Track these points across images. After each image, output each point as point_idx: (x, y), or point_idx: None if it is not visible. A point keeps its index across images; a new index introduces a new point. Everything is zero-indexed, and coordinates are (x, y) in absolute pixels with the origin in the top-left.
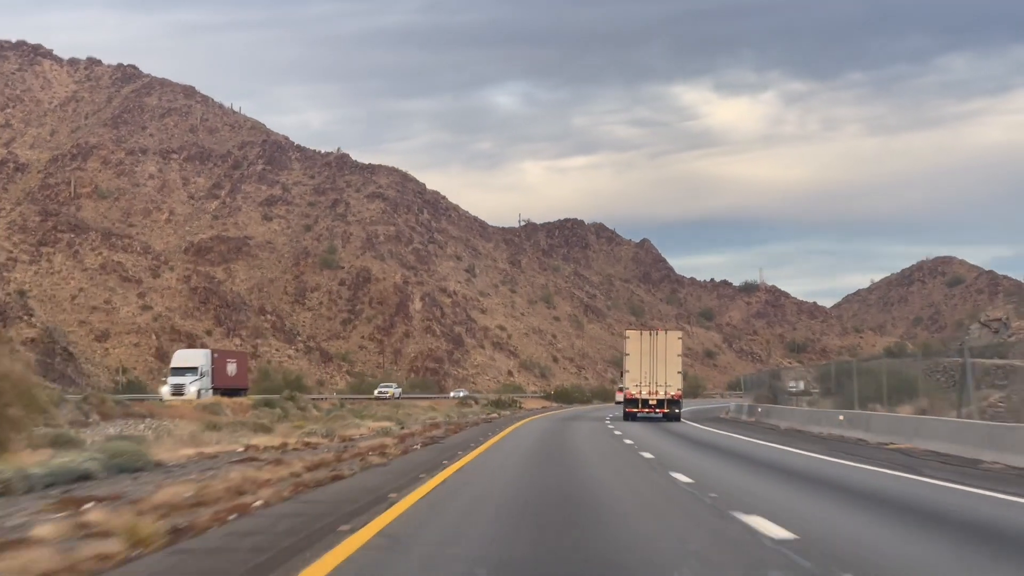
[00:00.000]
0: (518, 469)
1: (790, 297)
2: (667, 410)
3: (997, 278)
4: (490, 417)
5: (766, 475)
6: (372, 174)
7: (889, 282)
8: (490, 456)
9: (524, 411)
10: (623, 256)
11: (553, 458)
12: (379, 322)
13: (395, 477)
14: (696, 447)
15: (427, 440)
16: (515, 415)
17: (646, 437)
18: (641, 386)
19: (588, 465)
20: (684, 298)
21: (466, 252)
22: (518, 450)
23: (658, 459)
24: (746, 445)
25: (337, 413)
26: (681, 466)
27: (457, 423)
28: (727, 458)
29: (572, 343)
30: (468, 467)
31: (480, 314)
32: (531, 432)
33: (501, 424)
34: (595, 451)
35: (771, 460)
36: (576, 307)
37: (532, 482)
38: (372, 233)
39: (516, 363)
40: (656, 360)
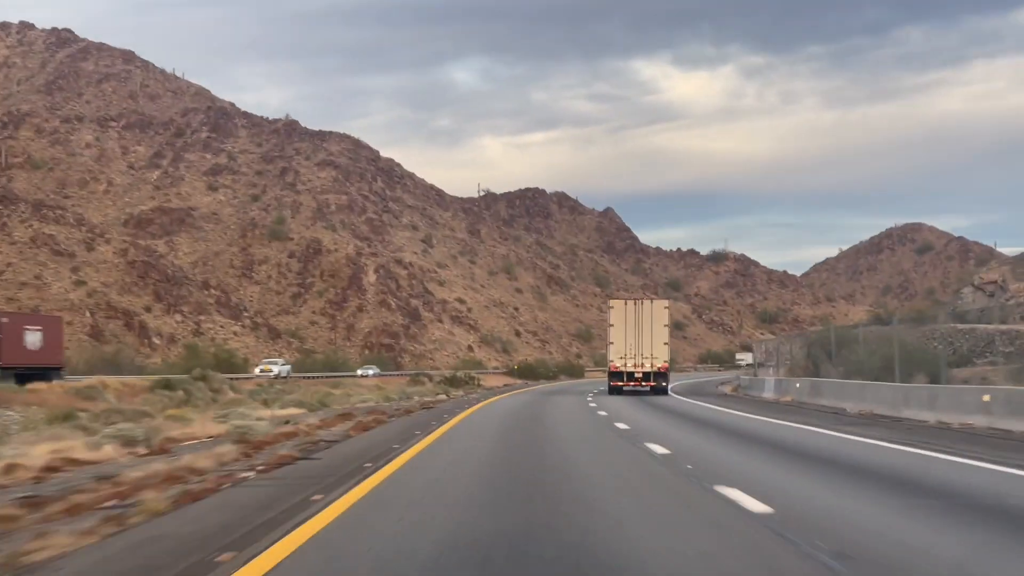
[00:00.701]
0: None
1: (759, 266)
2: (654, 383)
3: (968, 244)
4: (436, 400)
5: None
6: (323, 141)
7: (857, 250)
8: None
9: (482, 391)
10: (586, 226)
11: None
12: (331, 296)
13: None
14: (783, 454)
15: (302, 450)
16: (469, 397)
17: (674, 437)
18: (626, 358)
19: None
20: (650, 268)
21: (423, 222)
22: (456, 489)
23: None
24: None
25: (255, 396)
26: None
27: (382, 412)
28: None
29: (535, 316)
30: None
31: (438, 286)
32: (491, 429)
33: (447, 411)
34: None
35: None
36: (539, 278)
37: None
38: (323, 203)
39: (476, 338)
40: (641, 331)
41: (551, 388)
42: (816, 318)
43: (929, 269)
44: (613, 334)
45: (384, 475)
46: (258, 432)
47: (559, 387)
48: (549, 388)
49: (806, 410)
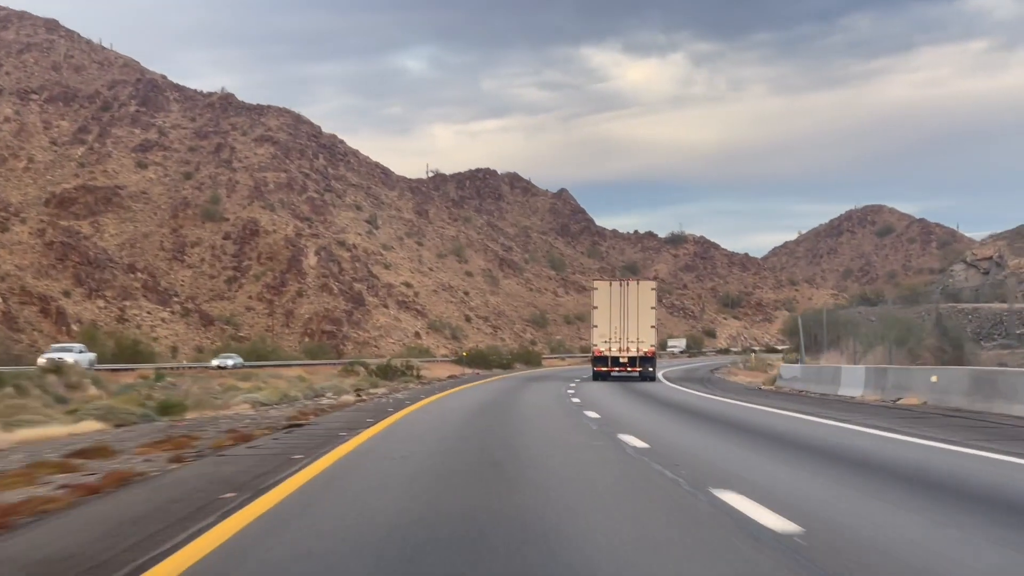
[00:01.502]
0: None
1: (720, 249)
2: (640, 368)
3: (929, 226)
4: (359, 399)
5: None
6: (260, 116)
7: (817, 233)
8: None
9: (417, 388)
10: (539, 208)
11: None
12: (268, 280)
13: None
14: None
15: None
16: (391, 398)
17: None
18: (611, 343)
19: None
20: (606, 251)
21: (367, 201)
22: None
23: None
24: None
25: (127, 394)
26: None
27: (241, 433)
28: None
29: (486, 301)
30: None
31: (383, 269)
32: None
33: (356, 421)
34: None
35: None
36: (490, 261)
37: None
38: (260, 181)
39: (424, 323)
40: (627, 313)
41: (510, 380)
42: (779, 302)
43: (890, 252)
44: (597, 317)
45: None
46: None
47: (520, 379)
48: (507, 381)
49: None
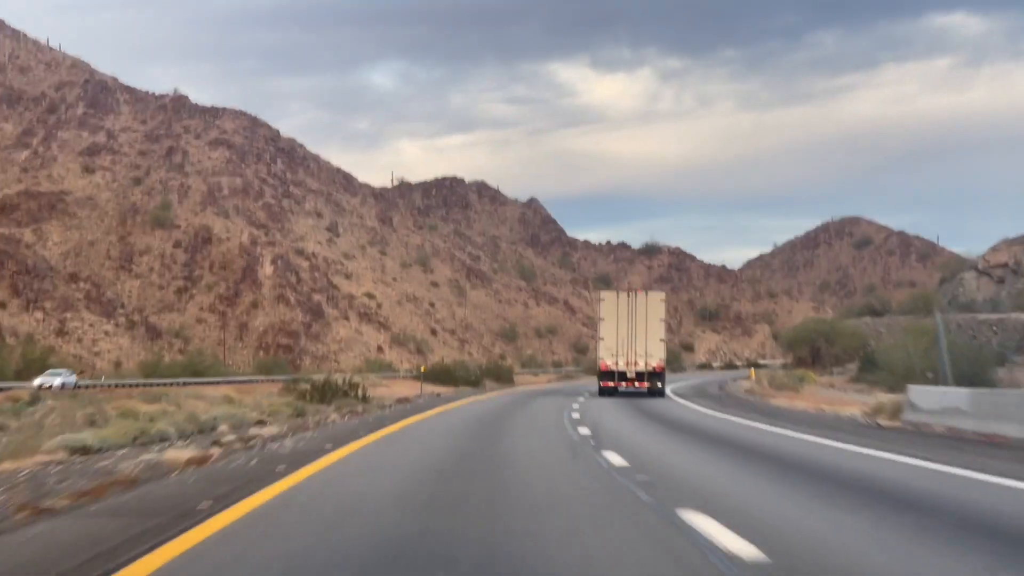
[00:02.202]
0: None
1: (696, 260)
2: (649, 384)
3: (908, 239)
4: (249, 436)
5: None
6: (215, 118)
7: (793, 245)
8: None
9: (345, 422)
10: (508, 217)
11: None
12: (221, 290)
13: None
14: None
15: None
16: (310, 432)
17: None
18: (618, 356)
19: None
20: (578, 262)
21: (328, 208)
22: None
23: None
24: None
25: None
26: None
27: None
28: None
29: (453, 312)
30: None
31: (344, 280)
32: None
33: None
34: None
35: None
36: (457, 271)
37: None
38: (214, 186)
39: (387, 337)
40: (635, 326)
41: (482, 406)
42: (758, 315)
43: (869, 265)
44: (603, 329)
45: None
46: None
47: (496, 403)
48: (478, 405)
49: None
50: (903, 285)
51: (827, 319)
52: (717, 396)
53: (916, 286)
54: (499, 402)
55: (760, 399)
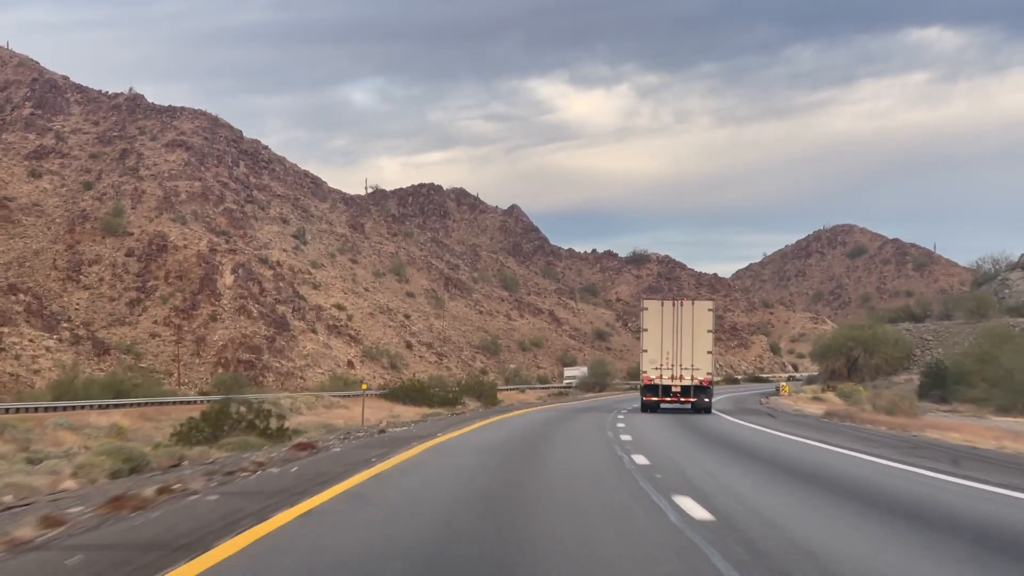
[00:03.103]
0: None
1: (686, 269)
2: (695, 399)
3: (904, 247)
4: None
5: None
6: (173, 118)
7: (783, 255)
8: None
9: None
10: (489, 225)
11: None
12: (177, 302)
13: None
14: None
15: None
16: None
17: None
18: (662, 369)
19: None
20: (562, 272)
21: (295, 214)
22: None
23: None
24: None
25: None
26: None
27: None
28: None
29: (430, 325)
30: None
31: (312, 290)
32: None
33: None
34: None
35: None
36: (435, 280)
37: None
38: (171, 190)
39: (358, 351)
40: (681, 337)
41: (463, 457)
42: (753, 326)
43: (863, 274)
44: (647, 340)
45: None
46: None
47: (491, 453)
48: (452, 457)
49: None
50: (899, 295)
51: (863, 325)
52: (800, 421)
53: (913, 295)
54: (494, 452)
55: (884, 428)
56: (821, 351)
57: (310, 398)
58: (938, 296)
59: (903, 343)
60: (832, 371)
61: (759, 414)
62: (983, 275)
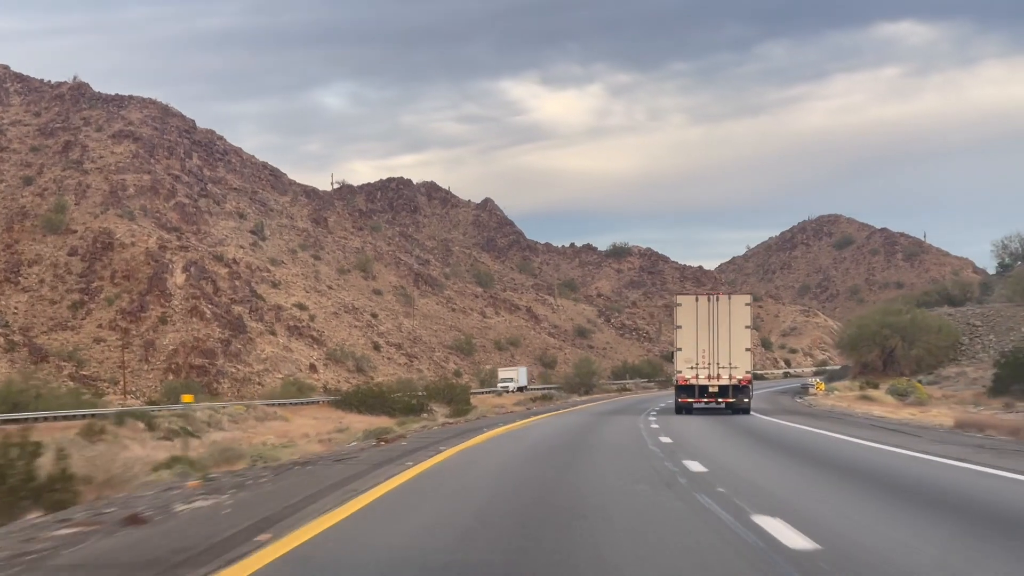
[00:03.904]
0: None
1: (669, 262)
2: (732, 399)
3: (893, 236)
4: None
5: None
6: (120, 108)
7: (768, 247)
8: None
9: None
10: (461, 220)
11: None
12: (124, 304)
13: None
14: None
15: None
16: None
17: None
18: (698, 368)
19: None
20: (540, 267)
21: (252, 208)
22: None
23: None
24: None
25: None
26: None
27: None
28: None
29: (399, 324)
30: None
31: (271, 289)
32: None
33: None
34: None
35: None
36: (404, 277)
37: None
38: (118, 184)
39: (322, 353)
40: (717, 334)
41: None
42: None
43: (851, 265)
44: (681, 338)
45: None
46: None
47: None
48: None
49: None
50: (889, 286)
51: (899, 309)
52: (903, 430)
53: (903, 287)
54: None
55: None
56: (850, 341)
57: (240, 408)
58: (952, 282)
59: (948, 330)
60: (864, 364)
61: (816, 416)
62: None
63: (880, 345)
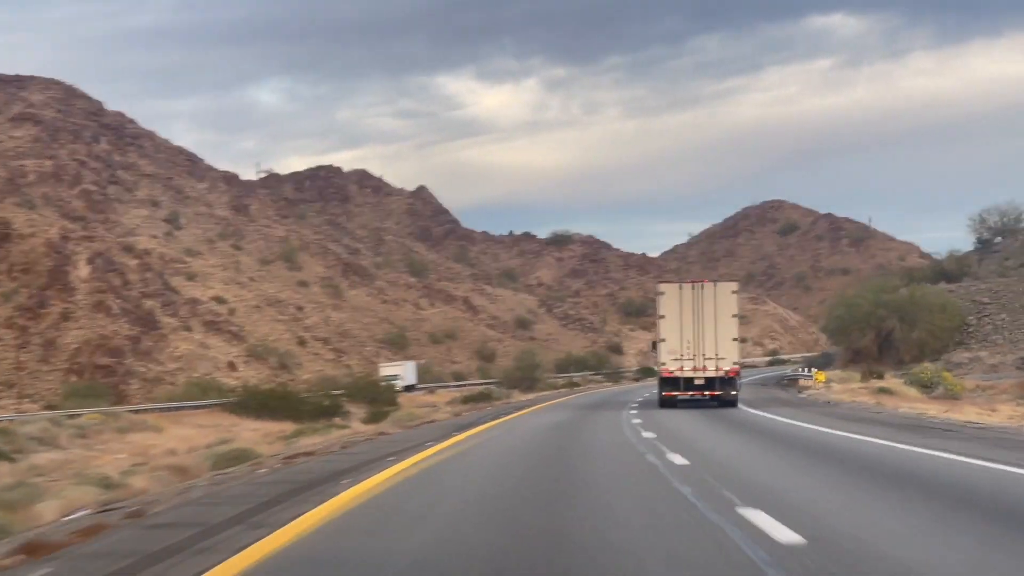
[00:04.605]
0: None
1: (613, 249)
2: (719, 392)
3: (838, 222)
4: None
5: None
6: (20, 88)
7: (710, 234)
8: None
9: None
10: (395, 209)
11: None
12: (22, 299)
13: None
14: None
15: None
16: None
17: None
18: (683, 360)
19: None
20: (476, 257)
21: (167, 195)
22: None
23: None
24: None
25: None
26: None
27: None
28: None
29: (327, 317)
30: None
31: (186, 281)
32: None
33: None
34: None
35: None
36: (332, 267)
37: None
38: (16, 171)
39: (242, 350)
40: (703, 323)
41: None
42: None
43: (796, 252)
44: (664, 328)
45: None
46: None
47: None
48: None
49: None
50: (835, 272)
51: (896, 285)
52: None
53: (850, 273)
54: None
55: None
56: (838, 324)
57: (94, 417)
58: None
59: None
60: (856, 350)
61: (847, 419)
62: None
63: (875, 328)
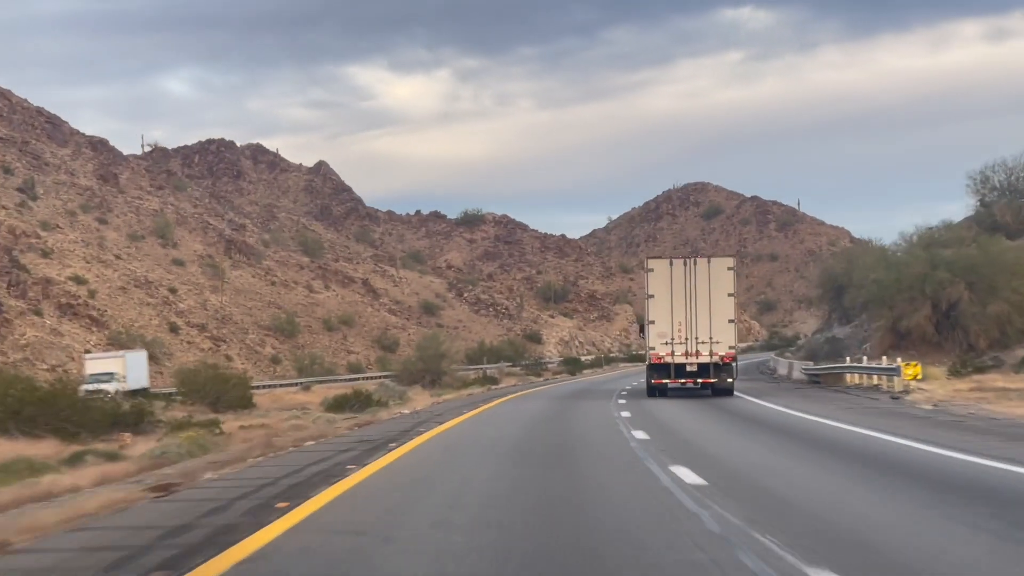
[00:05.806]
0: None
1: (529, 230)
2: (714, 379)
3: (765, 205)
4: None
5: None
6: None
7: (631, 219)
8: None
9: None
10: (292, 186)
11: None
12: None
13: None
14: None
15: None
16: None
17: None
18: (673, 343)
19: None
20: (381, 238)
21: (22, 161)
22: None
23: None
24: None
25: None
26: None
27: None
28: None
29: (204, 300)
30: None
31: (40, 259)
32: None
33: None
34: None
35: None
36: (213, 244)
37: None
38: None
39: (102, 337)
40: (696, 304)
41: None
42: (611, 294)
43: (721, 236)
44: (654, 309)
45: None
46: None
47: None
48: None
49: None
50: (763, 258)
51: (961, 237)
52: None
53: (778, 259)
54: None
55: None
56: (878, 294)
57: None
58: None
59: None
60: (899, 331)
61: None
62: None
63: (930, 298)
